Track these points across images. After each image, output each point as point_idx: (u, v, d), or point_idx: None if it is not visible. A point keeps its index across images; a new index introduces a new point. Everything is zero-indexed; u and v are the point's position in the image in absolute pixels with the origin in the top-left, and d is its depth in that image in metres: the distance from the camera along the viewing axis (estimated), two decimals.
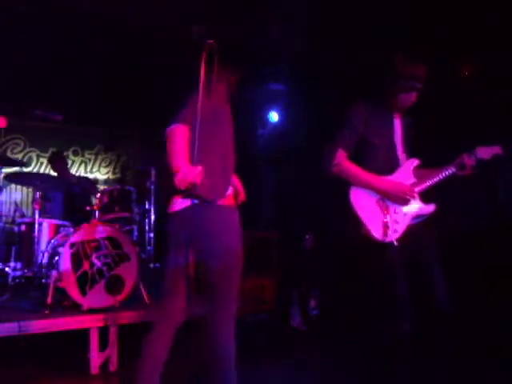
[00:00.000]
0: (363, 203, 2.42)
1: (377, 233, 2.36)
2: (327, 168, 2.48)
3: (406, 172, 2.52)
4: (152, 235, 4.55)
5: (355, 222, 2.40)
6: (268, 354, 3.92)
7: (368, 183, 2.43)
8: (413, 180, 2.50)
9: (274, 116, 6.41)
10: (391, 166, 2.52)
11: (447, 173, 2.49)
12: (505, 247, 3.70)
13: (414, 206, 2.47)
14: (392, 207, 2.43)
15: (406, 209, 2.45)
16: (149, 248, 4.54)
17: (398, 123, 2.60)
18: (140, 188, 4.50)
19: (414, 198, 2.45)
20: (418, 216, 2.47)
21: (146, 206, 4.59)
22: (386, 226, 2.36)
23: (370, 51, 4.38)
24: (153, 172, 4.56)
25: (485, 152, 2.46)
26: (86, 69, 5.21)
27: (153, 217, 4.54)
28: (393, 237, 2.35)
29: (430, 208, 2.49)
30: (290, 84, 5.75)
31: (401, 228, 2.41)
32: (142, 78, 5.57)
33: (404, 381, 2.38)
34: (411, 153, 2.61)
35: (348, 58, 4.72)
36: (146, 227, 4.60)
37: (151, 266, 4.43)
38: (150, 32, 4.69)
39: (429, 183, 2.49)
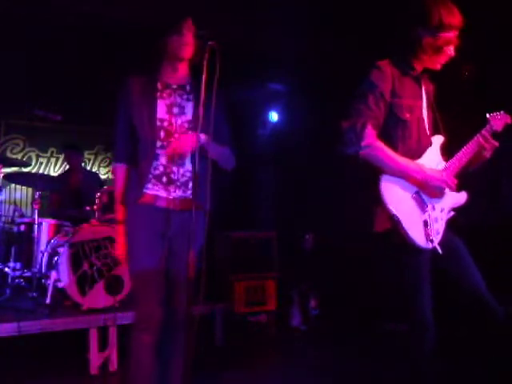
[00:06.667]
0: (398, 198, 1.91)
1: (417, 236, 1.89)
2: (353, 149, 1.90)
3: (435, 153, 2.07)
4: None
5: (374, 218, 1.94)
6: (268, 354, 3.92)
7: (405, 172, 1.92)
8: (442, 163, 2.06)
9: (273, 116, 6.41)
10: (423, 148, 2.04)
11: (472, 150, 2.06)
12: (505, 244, 3.69)
13: (449, 198, 2.04)
14: (430, 202, 1.97)
15: (443, 202, 2.01)
16: None
17: (423, 91, 2.10)
18: None
19: (453, 189, 2.01)
20: (452, 209, 2.07)
21: None
22: (426, 226, 1.91)
23: (369, 51, 4.38)
24: None
25: (497, 121, 2.10)
26: (86, 69, 5.20)
27: None
28: (436, 240, 1.93)
29: (463, 197, 2.09)
30: (290, 84, 5.74)
31: (441, 227, 1.98)
32: None
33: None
34: (435, 129, 2.13)
35: (349, 58, 4.72)
36: None
37: None
38: (151, 33, 4.68)
39: (459, 165, 2.05)
